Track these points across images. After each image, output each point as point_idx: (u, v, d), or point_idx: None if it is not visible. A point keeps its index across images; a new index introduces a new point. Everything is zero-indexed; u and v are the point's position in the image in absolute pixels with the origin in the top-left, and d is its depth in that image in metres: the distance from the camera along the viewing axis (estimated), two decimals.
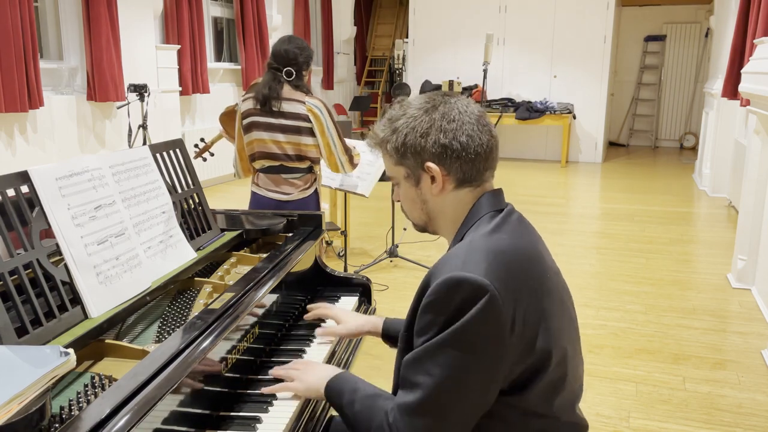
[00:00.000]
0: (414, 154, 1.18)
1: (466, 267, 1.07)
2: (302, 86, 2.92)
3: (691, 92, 10.77)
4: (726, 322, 3.51)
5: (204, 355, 1.19)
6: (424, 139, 1.17)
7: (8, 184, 1.24)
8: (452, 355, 1.05)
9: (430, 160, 1.17)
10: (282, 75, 2.87)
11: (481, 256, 1.08)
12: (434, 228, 1.27)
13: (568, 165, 9.07)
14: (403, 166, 1.21)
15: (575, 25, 9.04)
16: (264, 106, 2.87)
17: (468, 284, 1.05)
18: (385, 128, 1.22)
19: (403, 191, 1.25)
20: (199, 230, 1.81)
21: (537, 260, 1.15)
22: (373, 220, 5.70)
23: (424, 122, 1.17)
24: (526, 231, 1.20)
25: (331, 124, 2.89)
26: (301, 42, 2.97)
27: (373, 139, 1.26)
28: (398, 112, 1.21)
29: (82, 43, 5.43)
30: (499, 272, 1.06)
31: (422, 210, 1.24)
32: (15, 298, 1.16)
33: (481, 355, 1.05)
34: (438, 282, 1.07)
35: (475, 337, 1.05)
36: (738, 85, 4.31)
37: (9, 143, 4.80)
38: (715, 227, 5.61)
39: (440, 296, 1.07)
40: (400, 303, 3.73)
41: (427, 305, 1.09)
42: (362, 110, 10.39)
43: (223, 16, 7.93)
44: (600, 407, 2.61)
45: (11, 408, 0.85)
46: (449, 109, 1.18)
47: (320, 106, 2.89)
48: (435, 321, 1.07)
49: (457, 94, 1.22)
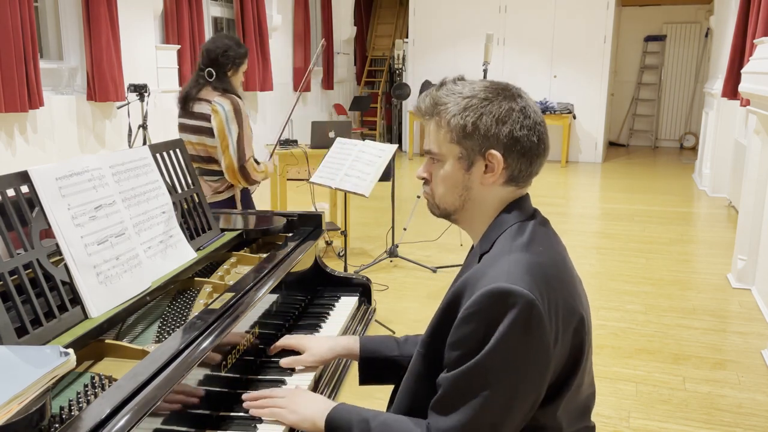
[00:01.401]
0: (482, 138, 1.11)
1: (510, 278, 1.02)
2: (221, 87, 2.84)
3: (691, 92, 10.77)
4: (726, 322, 3.51)
5: (204, 356, 1.19)
6: (498, 126, 1.10)
7: (8, 184, 1.24)
8: (499, 371, 1.00)
9: (496, 149, 1.11)
10: (204, 75, 2.84)
11: (524, 269, 1.04)
12: (458, 217, 1.20)
13: (568, 165, 9.07)
14: (460, 146, 1.13)
15: (575, 25, 9.04)
16: (183, 107, 2.88)
17: (514, 296, 1.00)
18: (454, 100, 1.13)
19: (446, 172, 1.16)
20: (199, 230, 1.81)
21: (569, 271, 1.14)
22: (373, 220, 5.70)
23: (503, 108, 1.11)
24: (555, 242, 1.17)
25: (234, 126, 2.77)
26: (229, 41, 2.88)
27: (433, 105, 1.15)
28: (468, 91, 1.13)
29: (82, 43, 5.43)
30: (542, 286, 1.03)
31: (460, 196, 1.17)
32: (15, 298, 1.16)
33: (530, 370, 1.01)
34: (481, 292, 1.02)
35: (524, 350, 1.00)
36: (738, 85, 4.31)
37: (9, 143, 4.80)
38: (715, 227, 5.61)
39: (483, 306, 1.01)
40: (400, 303, 3.73)
41: (467, 317, 1.03)
42: (362, 110, 10.38)
43: (223, 16, 7.93)
44: (600, 407, 2.61)
45: (11, 408, 0.85)
46: (527, 104, 1.14)
47: (225, 105, 2.79)
48: (476, 332, 1.01)
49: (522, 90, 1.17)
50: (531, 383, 1.02)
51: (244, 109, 2.86)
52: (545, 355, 1.02)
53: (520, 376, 1.01)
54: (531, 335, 1.00)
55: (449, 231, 4.96)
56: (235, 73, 2.91)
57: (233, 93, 2.87)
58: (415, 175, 1.28)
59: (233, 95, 2.86)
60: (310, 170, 3.99)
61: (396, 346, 1.42)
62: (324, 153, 3.62)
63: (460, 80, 1.17)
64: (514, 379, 1.01)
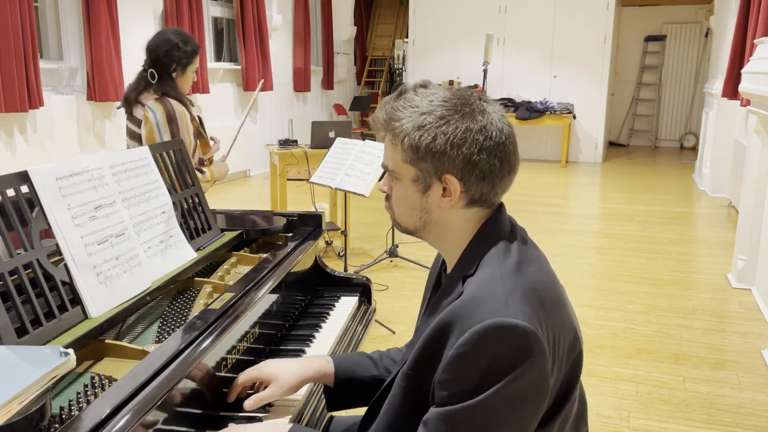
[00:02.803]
0: (435, 161, 1.02)
1: (509, 312, 0.93)
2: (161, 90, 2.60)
3: (691, 92, 10.77)
4: (726, 322, 3.51)
5: (204, 356, 1.19)
6: (454, 150, 1.00)
7: (8, 184, 1.24)
8: (501, 411, 0.93)
9: (452, 173, 1.02)
10: (147, 75, 2.62)
11: (522, 299, 0.96)
12: (422, 236, 1.13)
13: (568, 165, 9.07)
14: (415, 168, 1.04)
15: (575, 25, 9.04)
16: (126, 110, 2.70)
17: (517, 332, 0.92)
18: (409, 116, 1.03)
19: (401, 192, 1.08)
20: (199, 230, 1.81)
21: (559, 289, 1.07)
22: (373, 220, 5.70)
23: (460, 130, 1.01)
24: (541, 256, 1.10)
25: (166, 136, 2.50)
26: (174, 37, 2.63)
27: (387, 120, 1.06)
28: (426, 106, 1.03)
29: (82, 43, 5.43)
30: (540, 314, 0.96)
31: (420, 218, 1.09)
32: (15, 298, 1.16)
33: (528, 408, 0.95)
34: (479, 330, 0.93)
35: (525, 390, 0.93)
36: (738, 85, 4.31)
37: (9, 143, 4.80)
38: (715, 227, 5.61)
39: (481, 345, 0.92)
40: (400, 303, 3.73)
41: (464, 354, 0.93)
42: (362, 110, 10.38)
43: (223, 16, 7.93)
44: (600, 407, 2.61)
45: (11, 408, 0.85)
46: (489, 122, 1.02)
47: (157, 112, 2.52)
48: (473, 373, 0.93)
49: (489, 100, 1.07)
50: (530, 417, 0.97)
51: (182, 116, 2.58)
52: (545, 387, 0.96)
53: (521, 413, 0.95)
54: (533, 371, 0.93)
55: None
56: (181, 74, 2.65)
57: (175, 97, 2.60)
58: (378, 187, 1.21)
59: (170, 100, 2.58)
60: (310, 170, 3.99)
61: (373, 365, 1.32)
62: (324, 153, 3.62)
63: (422, 88, 1.07)
64: (515, 417, 0.95)
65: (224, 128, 5.22)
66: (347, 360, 1.31)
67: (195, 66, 2.71)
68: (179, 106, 2.60)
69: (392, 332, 3.31)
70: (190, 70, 2.69)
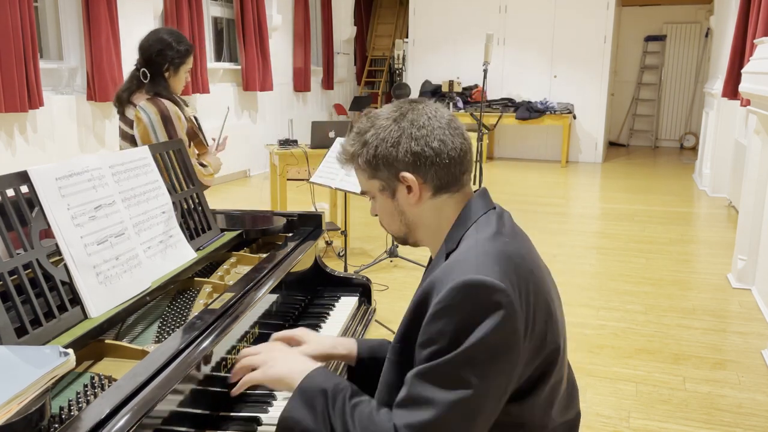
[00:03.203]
0: (387, 166, 1.14)
1: (480, 270, 1.01)
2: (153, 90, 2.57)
3: (691, 92, 10.77)
4: (726, 322, 3.51)
5: (204, 356, 1.19)
6: (395, 149, 1.13)
7: (8, 184, 1.24)
8: (471, 366, 0.98)
9: (405, 170, 1.13)
10: (140, 75, 2.59)
11: (493, 260, 1.03)
12: (415, 239, 1.22)
13: (568, 165, 9.07)
14: (377, 179, 1.17)
15: (575, 25, 9.04)
16: (118, 110, 2.66)
17: (486, 288, 0.99)
18: (354, 142, 1.17)
19: (379, 205, 1.21)
20: (199, 230, 1.81)
21: (536, 261, 1.13)
22: (373, 220, 5.68)
23: (394, 131, 1.13)
24: (521, 233, 1.17)
25: (162, 137, 2.48)
26: (167, 37, 2.60)
27: (344, 155, 1.21)
28: (366, 125, 1.17)
29: (82, 43, 5.43)
30: (512, 276, 1.02)
31: (401, 222, 1.20)
32: (15, 298, 1.16)
33: (501, 365, 1.00)
34: (452, 286, 1.00)
35: (496, 345, 0.99)
36: (738, 85, 4.31)
37: (9, 143, 4.80)
38: (715, 227, 5.61)
39: (455, 301, 1.00)
40: (400, 303, 3.73)
41: (438, 312, 1.01)
42: (362, 110, 10.37)
43: (223, 16, 7.93)
44: (600, 407, 2.61)
45: (11, 408, 0.85)
46: (417, 115, 1.14)
47: (150, 113, 2.50)
48: (447, 328, 1.00)
49: (424, 100, 1.18)
50: (504, 376, 1.01)
51: (176, 116, 2.56)
52: (516, 347, 1.01)
53: (494, 370, 0.99)
54: (504, 330, 0.99)
55: None
56: (174, 74, 2.62)
57: (167, 97, 2.58)
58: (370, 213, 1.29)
59: (162, 100, 2.56)
60: (310, 170, 3.99)
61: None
62: (324, 153, 3.62)
63: (368, 116, 1.18)
64: (488, 374, 0.99)
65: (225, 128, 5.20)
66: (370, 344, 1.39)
67: (188, 66, 2.68)
68: (172, 105, 2.57)
69: (392, 332, 3.31)
70: (183, 70, 2.66)
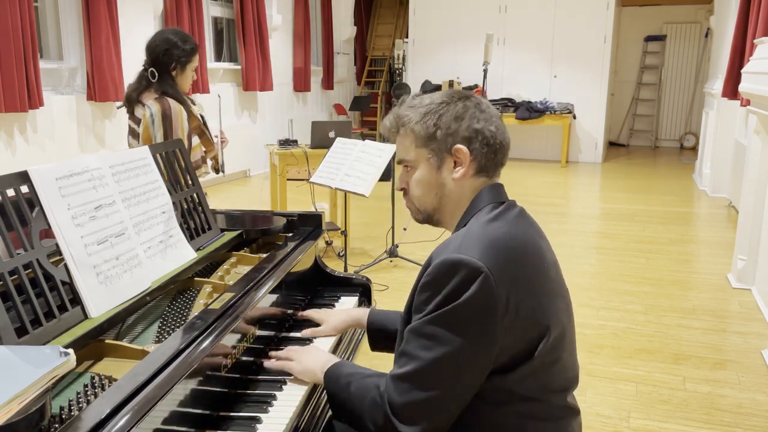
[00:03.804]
0: (445, 136, 1.22)
1: (461, 250, 1.11)
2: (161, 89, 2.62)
3: (691, 92, 10.77)
4: (726, 322, 3.51)
5: (204, 356, 1.19)
6: (457, 123, 1.21)
7: (8, 184, 1.24)
8: (446, 331, 1.10)
9: (461, 143, 1.21)
10: (148, 74, 2.66)
11: (476, 241, 1.13)
12: (439, 216, 1.29)
13: (568, 165, 9.07)
14: (427, 149, 1.24)
15: (575, 25, 9.04)
16: (128, 110, 2.72)
17: (462, 265, 1.09)
18: (413, 110, 1.25)
19: (419, 175, 1.26)
20: (199, 230, 1.81)
21: (534, 251, 1.19)
22: (373, 220, 5.70)
23: (459, 107, 1.22)
24: (524, 223, 1.23)
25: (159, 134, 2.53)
26: (173, 37, 2.66)
27: (396, 120, 1.27)
28: (424, 100, 1.25)
29: (82, 43, 5.43)
30: (494, 257, 1.11)
31: (436, 195, 1.26)
32: (15, 298, 1.16)
33: (475, 335, 1.09)
34: (435, 263, 1.13)
35: (469, 316, 1.09)
36: (738, 85, 4.31)
37: (9, 143, 4.80)
38: (715, 227, 5.61)
39: (437, 276, 1.11)
40: (401, 303, 3.72)
41: (424, 285, 1.14)
42: (362, 110, 10.38)
43: (223, 16, 7.93)
44: (600, 407, 2.61)
45: (11, 408, 0.85)
46: (480, 101, 1.25)
47: (153, 110, 2.56)
48: (430, 299, 1.12)
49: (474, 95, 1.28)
50: (475, 346, 1.10)
51: (177, 115, 2.59)
52: (491, 322, 1.09)
53: (471, 333, 1.09)
54: (478, 303, 1.08)
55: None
56: (181, 73, 2.68)
57: (174, 95, 2.63)
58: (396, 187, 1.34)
59: (168, 99, 2.61)
60: (310, 170, 3.99)
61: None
62: (324, 153, 3.62)
63: (417, 96, 1.28)
64: (460, 340, 1.09)
65: (225, 128, 5.20)
66: (380, 314, 1.58)
67: (194, 64, 2.74)
68: (176, 104, 2.62)
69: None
70: (190, 69, 2.73)
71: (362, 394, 1.19)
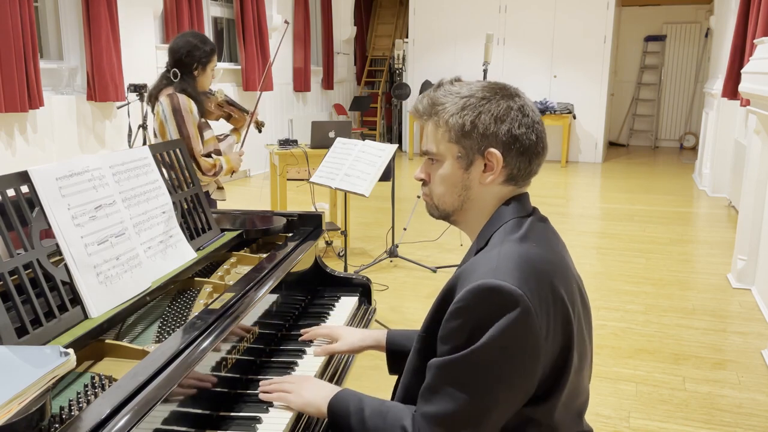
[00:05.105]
0: (480, 136, 1.11)
1: (498, 274, 1.02)
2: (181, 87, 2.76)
3: (691, 92, 10.78)
4: (726, 322, 3.51)
5: (204, 356, 1.19)
6: (497, 125, 1.10)
7: (8, 184, 1.24)
8: (486, 367, 1.01)
9: (495, 147, 1.11)
10: (170, 75, 2.79)
11: (514, 264, 1.03)
12: (457, 218, 1.20)
13: (568, 165, 9.07)
14: (459, 145, 1.13)
15: (575, 25, 9.04)
16: (151, 107, 2.85)
17: (501, 292, 1.00)
18: (452, 100, 1.13)
19: (445, 171, 1.16)
20: (199, 230, 1.81)
21: (564, 270, 1.12)
22: (373, 220, 5.70)
23: (502, 107, 1.11)
24: (553, 239, 1.16)
25: (173, 127, 2.69)
26: (193, 39, 2.80)
27: (431, 106, 1.15)
28: (464, 89, 1.13)
29: (82, 43, 5.43)
30: (531, 282, 1.02)
31: (459, 196, 1.16)
32: (15, 298, 1.16)
33: (518, 365, 1.01)
34: (469, 288, 1.02)
35: (508, 346, 1.00)
36: (738, 85, 4.31)
37: (9, 143, 4.80)
38: (715, 227, 5.61)
39: (471, 303, 1.02)
40: (400, 303, 3.73)
41: (456, 311, 1.03)
42: (362, 110, 10.38)
43: (223, 16, 7.93)
44: (600, 407, 2.61)
45: (11, 408, 0.85)
46: (525, 103, 1.13)
47: (165, 105, 2.71)
48: (464, 328, 1.02)
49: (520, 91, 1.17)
50: (519, 378, 1.02)
51: (186, 108, 2.72)
52: (534, 351, 1.02)
53: (506, 372, 1.01)
54: (518, 332, 1.00)
55: (449, 231, 4.96)
56: (202, 72, 2.83)
57: (193, 94, 2.78)
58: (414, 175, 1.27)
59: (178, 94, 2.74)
60: (310, 170, 3.99)
61: None
62: (324, 153, 3.62)
63: (457, 81, 1.17)
64: (501, 376, 1.01)
65: (224, 128, 5.21)
66: (399, 335, 1.46)
67: (214, 64, 2.90)
68: (185, 99, 2.75)
69: None
70: (210, 68, 2.88)
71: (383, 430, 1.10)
